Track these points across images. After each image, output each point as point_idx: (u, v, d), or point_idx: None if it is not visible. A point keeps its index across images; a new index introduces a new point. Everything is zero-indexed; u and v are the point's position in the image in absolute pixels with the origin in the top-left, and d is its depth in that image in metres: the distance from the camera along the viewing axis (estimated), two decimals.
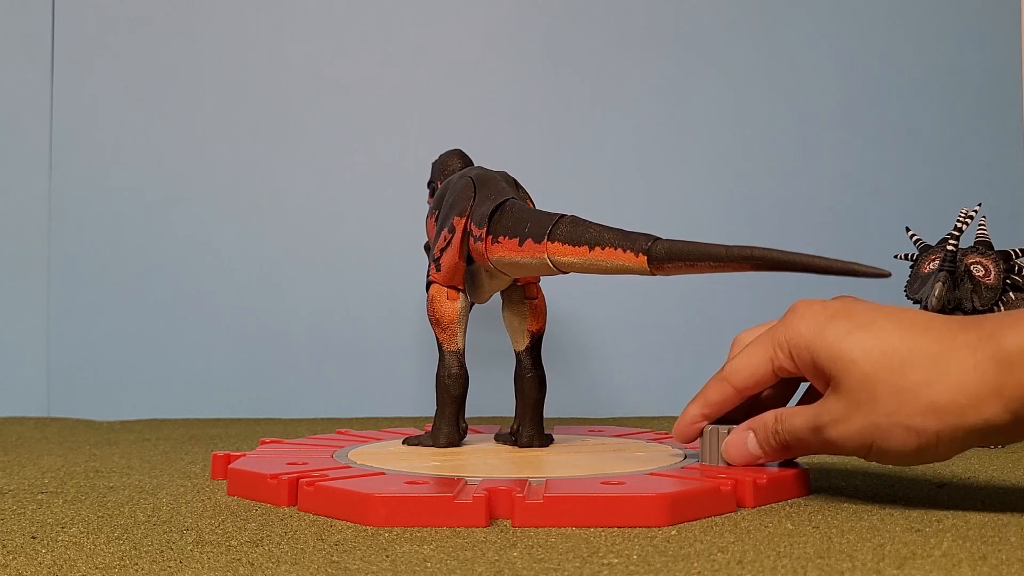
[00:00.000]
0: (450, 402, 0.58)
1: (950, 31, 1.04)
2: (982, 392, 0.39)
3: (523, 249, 0.53)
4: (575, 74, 1.01)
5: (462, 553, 0.37)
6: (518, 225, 0.53)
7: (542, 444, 0.59)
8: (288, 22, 0.99)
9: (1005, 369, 0.39)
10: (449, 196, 0.60)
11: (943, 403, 0.40)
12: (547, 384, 0.61)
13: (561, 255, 0.51)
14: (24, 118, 0.97)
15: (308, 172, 0.97)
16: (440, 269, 0.58)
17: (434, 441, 0.58)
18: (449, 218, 0.58)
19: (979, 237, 0.74)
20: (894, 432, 0.41)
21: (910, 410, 0.41)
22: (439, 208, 0.61)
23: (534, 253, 0.52)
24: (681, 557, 0.36)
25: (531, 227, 0.53)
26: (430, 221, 0.63)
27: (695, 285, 0.97)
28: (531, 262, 0.53)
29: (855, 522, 0.42)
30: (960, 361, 0.40)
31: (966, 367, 0.40)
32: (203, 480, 0.55)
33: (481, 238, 0.55)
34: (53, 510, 0.46)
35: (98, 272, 0.96)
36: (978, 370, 0.39)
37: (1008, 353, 0.39)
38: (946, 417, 0.40)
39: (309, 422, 0.91)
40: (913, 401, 0.41)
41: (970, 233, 0.76)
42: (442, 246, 0.58)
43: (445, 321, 0.58)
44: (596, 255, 0.50)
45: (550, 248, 0.52)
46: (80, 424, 0.88)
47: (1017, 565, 0.34)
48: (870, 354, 0.42)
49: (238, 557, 0.36)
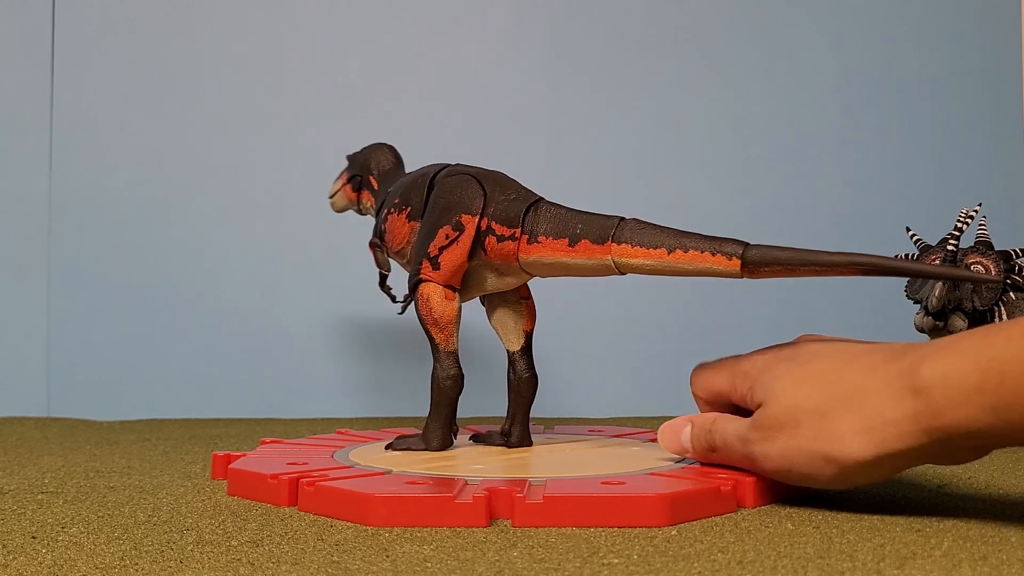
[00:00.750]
0: (447, 404, 0.57)
1: (950, 31, 1.04)
2: (898, 419, 0.40)
3: (576, 250, 0.54)
4: (575, 74, 1.01)
5: (462, 553, 0.37)
6: (565, 226, 0.54)
7: (530, 444, 0.59)
8: (288, 22, 0.99)
9: (920, 397, 0.40)
10: (444, 194, 0.58)
11: (860, 429, 0.41)
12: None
13: (631, 257, 0.52)
14: (24, 118, 0.97)
15: (308, 172, 0.97)
16: (439, 268, 0.57)
17: (427, 445, 0.57)
18: (451, 216, 0.57)
19: (979, 237, 0.74)
20: (814, 458, 0.43)
21: (828, 436, 0.42)
22: (407, 205, 0.60)
23: (592, 254, 0.53)
24: (681, 557, 0.36)
25: (584, 228, 0.54)
26: (398, 218, 0.61)
27: (695, 285, 0.97)
28: (585, 263, 0.54)
29: (855, 522, 0.42)
30: (880, 391, 0.41)
31: (884, 396, 0.41)
32: (203, 480, 0.55)
33: (513, 237, 0.55)
34: (53, 510, 0.46)
35: (98, 272, 0.96)
36: (894, 399, 0.41)
37: (923, 382, 0.40)
38: (864, 444, 0.41)
39: (309, 422, 0.91)
40: (831, 427, 0.42)
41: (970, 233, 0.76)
42: (442, 244, 0.56)
43: (444, 321, 0.57)
44: (677, 258, 0.51)
45: (616, 250, 0.52)
46: (80, 424, 0.88)
47: (1017, 565, 0.34)
48: (798, 386, 0.44)
49: (238, 557, 0.36)
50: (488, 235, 0.56)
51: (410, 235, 0.60)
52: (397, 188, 0.62)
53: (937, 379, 0.39)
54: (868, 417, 0.41)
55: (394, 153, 0.69)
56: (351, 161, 0.71)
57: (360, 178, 0.69)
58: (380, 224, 0.63)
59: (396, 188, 0.63)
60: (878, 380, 0.41)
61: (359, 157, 0.70)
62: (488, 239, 0.56)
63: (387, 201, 0.63)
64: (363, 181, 0.69)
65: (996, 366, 0.38)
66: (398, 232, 0.61)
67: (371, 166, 0.69)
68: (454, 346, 0.57)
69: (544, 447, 0.59)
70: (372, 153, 0.69)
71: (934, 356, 0.40)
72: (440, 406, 0.57)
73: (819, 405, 0.42)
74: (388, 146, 0.70)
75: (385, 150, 0.69)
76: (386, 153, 0.69)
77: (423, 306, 0.57)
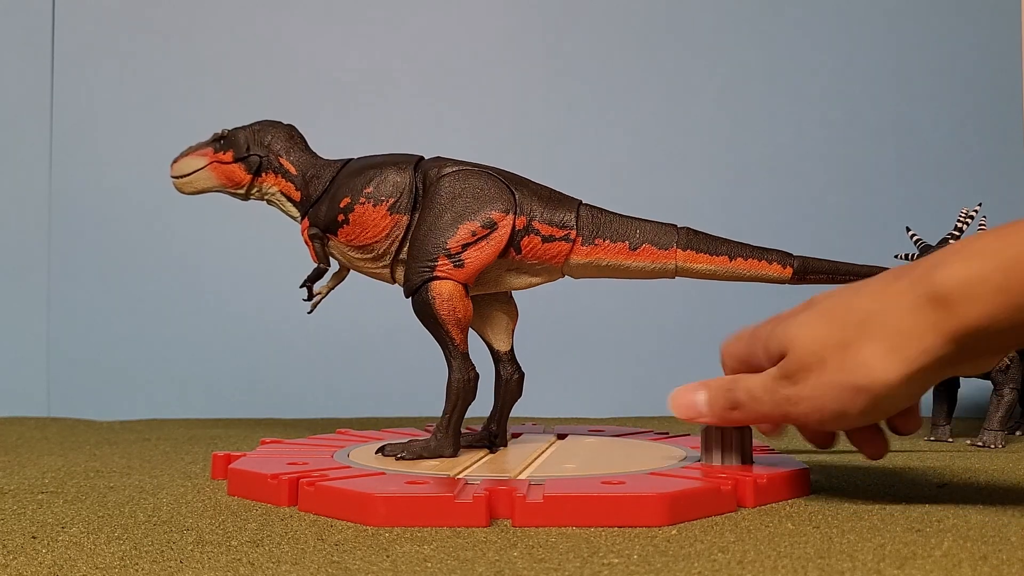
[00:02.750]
0: (464, 408, 0.55)
1: (950, 31, 1.04)
2: (921, 331, 0.41)
3: (638, 254, 0.56)
4: (575, 74, 1.01)
5: (462, 553, 0.37)
6: (623, 230, 0.57)
7: (505, 444, 0.59)
8: (288, 22, 0.99)
9: (940, 305, 0.40)
10: (462, 189, 0.55)
11: (885, 351, 0.41)
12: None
13: (695, 263, 0.57)
14: (24, 118, 0.97)
15: None
16: (462, 265, 0.54)
17: (441, 452, 0.54)
18: (478, 212, 0.55)
19: None
20: (844, 391, 0.42)
21: (854, 365, 0.42)
22: (389, 197, 0.57)
23: (656, 259, 0.57)
24: (681, 557, 0.36)
25: (644, 234, 0.57)
26: (375, 211, 0.57)
27: (695, 285, 0.96)
28: (645, 267, 0.57)
29: (855, 522, 0.42)
30: (896, 308, 0.41)
31: (902, 311, 0.41)
32: (203, 480, 0.55)
33: (567, 239, 0.56)
34: (53, 510, 0.46)
35: (98, 272, 0.96)
36: (913, 311, 0.41)
37: (939, 289, 0.40)
38: (892, 365, 0.41)
39: (309, 422, 0.91)
40: (856, 357, 0.42)
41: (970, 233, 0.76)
42: (467, 241, 0.54)
43: (465, 321, 0.55)
44: (738, 265, 0.57)
45: (681, 255, 0.57)
46: (80, 424, 0.88)
47: (1017, 565, 0.34)
48: (814, 328, 0.43)
49: (238, 557, 0.36)
50: (528, 235, 0.56)
51: (391, 229, 0.57)
52: (365, 178, 0.58)
53: (956, 284, 0.40)
54: (890, 337, 0.41)
55: (301, 135, 0.63)
56: (231, 139, 0.63)
57: (262, 159, 0.62)
58: (330, 214, 0.58)
59: (362, 178, 0.58)
60: (891, 299, 0.41)
61: (251, 136, 0.63)
62: (528, 239, 0.56)
63: (348, 191, 0.58)
64: (267, 163, 0.62)
65: (1017, 264, 0.38)
66: (372, 225, 0.57)
67: (278, 148, 0.62)
68: (467, 346, 0.55)
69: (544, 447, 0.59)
70: (274, 132, 0.63)
71: (949, 261, 0.40)
72: (459, 411, 0.54)
73: (839, 339, 0.42)
74: (290, 125, 0.63)
75: (292, 131, 0.63)
76: (294, 135, 0.63)
77: (443, 305, 0.54)
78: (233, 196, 0.64)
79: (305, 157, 0.62)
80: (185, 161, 0.63)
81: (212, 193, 0.64)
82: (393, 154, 0.60)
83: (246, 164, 0.62)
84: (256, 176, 0.62)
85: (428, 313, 0.54)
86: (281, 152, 0.62)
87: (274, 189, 0.62)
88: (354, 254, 0.59)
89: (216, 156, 0.63)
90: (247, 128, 0.63)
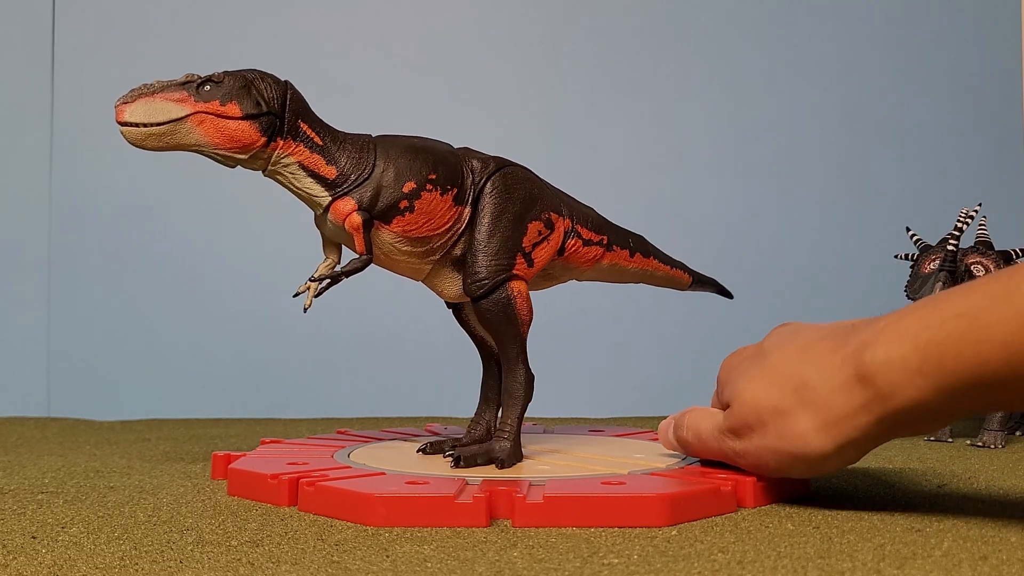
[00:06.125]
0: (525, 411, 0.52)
1: (950, 31, 1.04)
2: (851, 411, 0.41)
3: (634, 260, 0.58)
4: (575, 73, 1.01)
5: (462, 553, 0.37)
6: (621, 237, 0.58)
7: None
8: (288, 22, 0.99)
9: (868, 385, 0.40)
10: (519, 185, 0.53)
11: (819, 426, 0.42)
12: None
13: (657, 270, 0.60)
14: (24, 118, 0.97)
15: None
16: (532, 265, 0.52)
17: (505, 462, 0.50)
18: (538, 211, 0.53)
19: (979, 237, 0.74)
20: (783, 456, 0.44)
21: (792, 435, 0.43)
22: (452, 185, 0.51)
23: (644, 265, 0.59)
24: (681, 557, 0.36)
25: (631, 241, 0.58)
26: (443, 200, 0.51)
27: None
28: (635, 271, 0.59)
29: (855, 522, 0.42)
30: (830, 383, 0.42)
31: (834, 388, 0.42)
32: (203, 480, 0.55)
33: (602, 243, 0.56)
34: (53, 510, 0.46)
35: (98, 272, 0.96)
36: (844, 389, 0.41)
37: (867, 369, 0.40)
38: (825, 440, 0.42)
39: (309, 422, 0.91)
40: (793, 427, 0.43)
41: (970, 233, 0.76)
42: (535, 241, 0.52)
43: (530, 320, 0.52)
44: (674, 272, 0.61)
45: (651, 264, 0.59)
46: (80, 424, 0.88)
47: (1017, 565, 0.34)
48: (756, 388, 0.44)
49: (238, 557, 0.36)
50: (572, 237, 0.55)
51: (453, 223, 0.51)
52: (423, 161, 0.51)
53: (879, 365, 0.40)
54: (823, 412, 0.42)
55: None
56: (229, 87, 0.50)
57: (279, 121, 0.50)
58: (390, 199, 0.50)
59: (419, 161, 0.51)
60: (828, 372, 0.42)
61: (263, 88, 0.51)
62: (572, 241, 0.55)
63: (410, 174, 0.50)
64: (286, 127, 0.51)
65: (933, 347, 0.38)
66: (439, 216, 0.51)
67: (298, 109, 0.51)
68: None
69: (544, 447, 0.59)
70: (291, 90, 0.52)
71: (875, 341, 0.40)
72: (522, 417, 0.52)
73: (777, 404, 0.43)
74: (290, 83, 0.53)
75: (295, 88, 0.52)
76: (299, 94, 0.52)
77: (523, 304, 0.51)
78: (219, 161, 0.51)
79: (324, 125, 0.52)
80: (150, 104, 0.50)
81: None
82: (432, 138, 0.54)
83: (261, 124, 0.50)
84: (272, 141, 0.50)
85: (507, 313, 0.51)
86: (302, 114, 0.51)
87: (290, 160, 0.51)
88: (405, 247, 0.51)
89: (203, 106, 0.50)
90: (244, 74, 0.51)
